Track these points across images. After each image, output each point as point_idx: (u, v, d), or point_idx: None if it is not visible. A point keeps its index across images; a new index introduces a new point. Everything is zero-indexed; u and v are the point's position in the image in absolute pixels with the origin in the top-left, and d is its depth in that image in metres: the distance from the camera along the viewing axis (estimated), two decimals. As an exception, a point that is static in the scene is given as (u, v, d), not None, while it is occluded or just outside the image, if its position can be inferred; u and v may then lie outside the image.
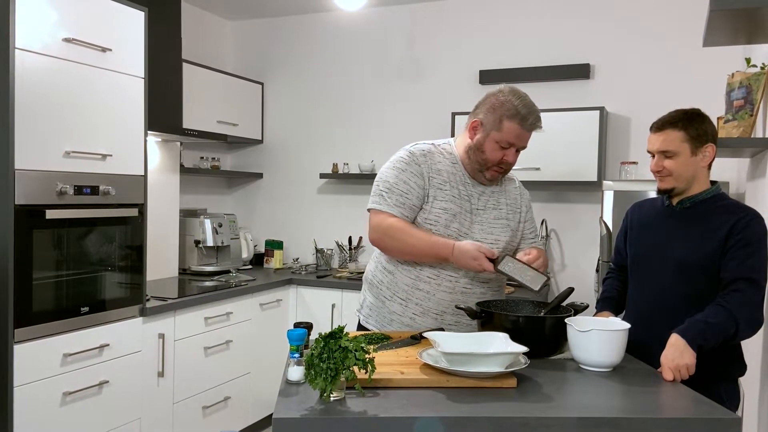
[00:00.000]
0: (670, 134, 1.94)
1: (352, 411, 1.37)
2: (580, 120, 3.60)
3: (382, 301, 2.17)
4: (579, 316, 1.86)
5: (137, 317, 2.95)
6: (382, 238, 2.10)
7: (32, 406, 2.47)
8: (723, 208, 1.95)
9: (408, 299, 2.11)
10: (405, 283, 2.12)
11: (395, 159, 2.15)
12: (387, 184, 2.10)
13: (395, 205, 2.07)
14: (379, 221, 2.09)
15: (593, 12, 3.83)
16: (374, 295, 2.21)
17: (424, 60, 4.24)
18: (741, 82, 2.43)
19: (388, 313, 2.15)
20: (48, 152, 2.53)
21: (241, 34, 4.81)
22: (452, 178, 2.13)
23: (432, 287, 2.09)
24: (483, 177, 2.13)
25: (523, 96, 2.08)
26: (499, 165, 2.10)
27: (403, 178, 2.09)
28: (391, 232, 2.06)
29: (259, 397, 3.81)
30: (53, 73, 2.53)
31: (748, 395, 2.35)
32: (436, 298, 2.09)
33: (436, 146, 2.19)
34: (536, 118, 2.05)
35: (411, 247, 2.05)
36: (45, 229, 2.52)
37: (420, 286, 2.10)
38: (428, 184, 2.09)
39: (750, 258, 1.85)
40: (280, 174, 4.72)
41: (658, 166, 1.98)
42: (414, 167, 2.10)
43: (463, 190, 2.13)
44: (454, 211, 2.09)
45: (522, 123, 2.03)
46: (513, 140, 2.05)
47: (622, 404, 1.54)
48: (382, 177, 2.14)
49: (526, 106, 2.04)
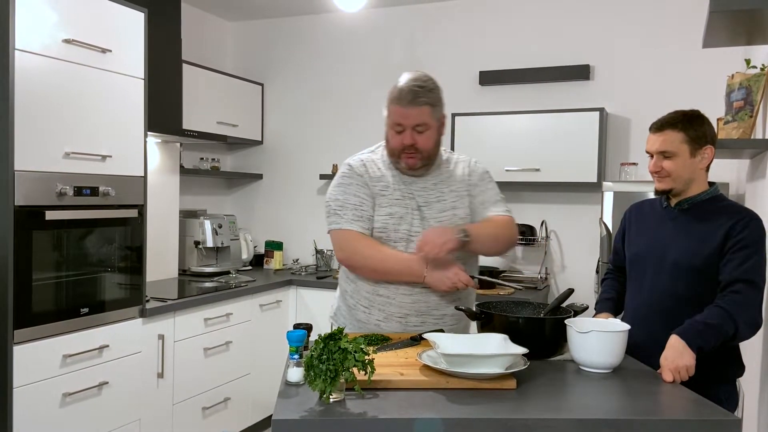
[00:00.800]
0: (670, 135, 1.95)
1: (352, 412, 1.37)
2: (580, 121, 3.60)
3: (349, 309, 2.19)
4: (579, 317, 1.86)
5: (137, 318, 2.94)
6: (351, 258, 2.09)
7: (32, 407, 2.46)
8: (721, 210, 1.95)
9: (370, 306, 2.12)
10: (366, 290, 2.13)
11: (338, 176, 2.16)
12: (338, 202, 2.10)
13: (353, 220, 2.07)
14: (342, 240, 2.08)
15: (593, 13, 3.83)
16: (345, 303, 2.23)
17: (424, 61, 4.24)
18: (741, 83, 2.43)
19: (356, 321, 2.16)
20: (48, 153, 2.53)
21: (241, 35, 4.81)
22: (391, 180, 2.12)
23: (391, 291, 2.08)
24: (402, 167, 2.10)
25: (408, 75, 2.05)
26: (406, 150, 2.05)
27: (351, 191, 2.10)
28: (358, 252, 2.06)
29: (259, 398, 3.81)
30: (53, 74, 2.53)
31: (748, 396, 2.35)
32: (396, 302, 2.09)
33: (373, 153, 2.20)
34: (410, 92, 1.99)
35: (381, 264, 2.05)
36: (45, 230, 2.52)
37: (380, 291, 2.10)
38: (373, 191, 2.10)
39: (748, 260, 1.86)
40: (280, 175, 4.72)
41: (656, 166, 1.98)
42: (357, 179, 2.11)
43: (405, 190, 2.11)
44: (400, 213, 2.08)
45: (399, 102, 2.01)
46: (399, 120, 2.02)
47: (622, 405, 1.54)
48: (331, 197, 2.13)
49: (403, 84, 2.02)
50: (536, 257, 3.94)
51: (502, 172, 3.71)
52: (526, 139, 3.70)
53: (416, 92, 1.99)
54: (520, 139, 3.72)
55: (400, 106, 2.01)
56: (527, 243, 3.85)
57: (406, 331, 2.06)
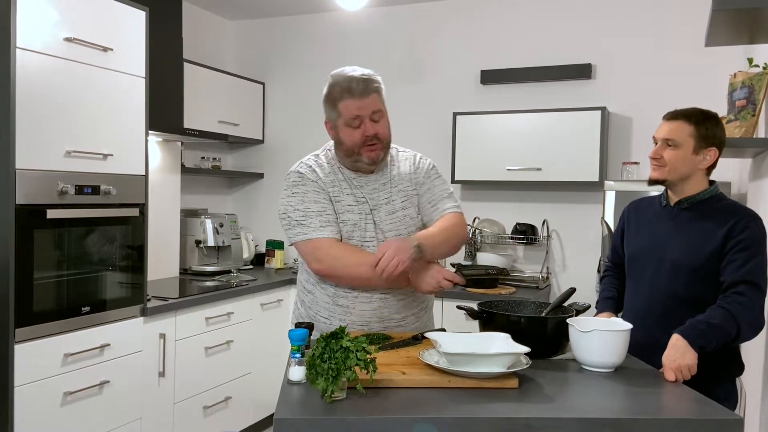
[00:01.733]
0: (681, 125, 1.96)
1: (354, 411, 1.37)
2: (581, 120, 3.60)
3: (311, 318, 2.10)
4: (581, 316, 1.86)
5: (138, 317, 2.94)
6: (333, 266, 1.96)
7: (33, 406, 2.46)
8: (721, 210, 1.95)
9: (331, 317, 2.05)
10: (324, 300, 2.05)
11: (289, 186, 2.02)
12: (298, 212, 1.97)
13: (321, 227, 1.95)
14: (316, 250, 1.95)
15: (595, 12, 3.83)
16: (306, 314, 2.14)
17: (425, 60, 4.24)
18: (743, 82, 2.43)
19: (317, 331, 2.02)
20: (49, 152, 2.52)
21: (242, 34, 4.81)
22: (342, 185, 2.03)
23: (350, 301, 2.02)
24: (364, 163, 1.99)
25: (342, 71, 1.97)
26: (367, 143, 1.95)
27: (310, 198, 1.98)
28: (338, 259, 1.95)
29: (260, 397, 3.81)
30: (54, 73, 2.53)
31: (750, 395, 2.34)
32: (357, 311, 2.02)
33: (319, 157, 2.09)
34: (359, 80, 1.92)
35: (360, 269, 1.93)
36: (46, 229, 2.52)
37: (339, 302, 2.03)
38: (330, 197, 2.00)
39: (750, 261, 1.85)
40: (281, 174, 4.66)
41: (657, 153, 1.98)
42: (312, 184, 2.00)
43: (357, 194, 2.03)
44: (354, 220, 2.00)
45: (352, 95, 1.92)
46: (356, 113, 1.93)
47: (624, 405, 1.54)
48: (288, 208, 1.99)
49: (347, 78, 1.93)
50: (538, 257, 3.94)
51: (504, 171, 3.71)
52: (528, 139, 3.70)
53: (366, 81, 1.93)
54: (522, 139, 3.72)
55: (353, 98, 1.92)
56: (529, 242, 3.84)
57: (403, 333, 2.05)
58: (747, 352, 2.04)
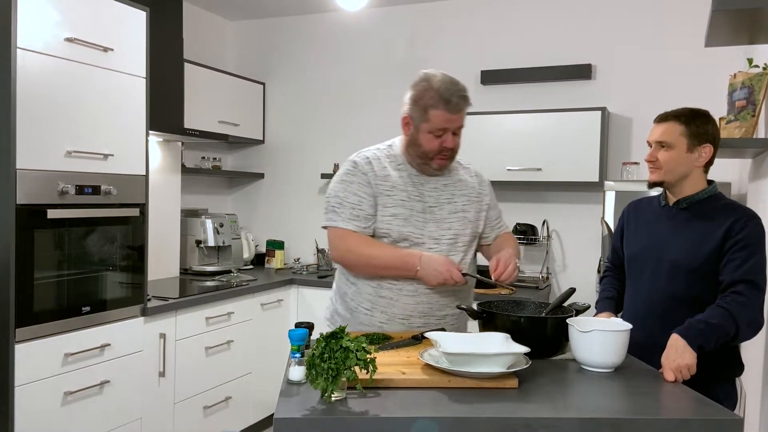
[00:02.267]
0: (671, 126, 1.96)
1: (354, 411, 1.37)
2: (581, 120, 3.60)
3: (351, 312, 2.15)
4: (580, 316, 1.86)
5: (138, 317, 2.95)
6: (345, 256, 2.10)
7: (33, 405, 2.47)
8: (720, 209, 1.95)
9: (373, 308, 2.10)
10: (368, 292, 2.10)
11: (341, 172, 2.14)
12: (337, 198, 2.09)
13: (349, 219, 2.06)
14: (337, 238, 2.09)
15: (595, 12, 3.83)
16: (344, 307, 2.19)
17: (425, 60, 4.23)
18: (743, 82, 2.43)
19: (358, 324, 2.13)
20: (49, 152, 2.53)
21: (242, 34, 4.81)
22: (399, 181, 2.10)
23: (394, 293, 2.07)
24: (430, 168, 2.10)
25: (443, 78, 2.02)
26: (441, 152, 2.05)
27: (351, 190, 2.07)
28: (352, 250, 2.06)
29: (260, 397, 3.81)
30: (55, 73, 2.53)
31: (750, 395, 2.35)
32: (400, 303, 2.07)
33: (381, 150, 2.17)
34: (459, 97, 1.99)
35: (374, 260, 2.04)
36: (46, 229, 2.52)
37: (382, 293, 2.08)
38: (376, 191, 2.07)
39: (749, 260, 1.85)
40: (281, 174, 4.72)
41: (652, 156, 1.99)
42: (360, 177, 2.09)
43: (413, 191, 2.10)
44: (405, 215, 2.07)
45: (447, 107, 1.98)
46: (444, 125, 2.01)
47: (623, 405, 1.54)
48: (331, 193, 2.12)
49: (447, 89, 1.98)
50: (538, 257, 3.94)
51: (504, 171, 3.71)
52: (528, 139, 3.70)
53: (464, 98, 2.01)
54: (522, 139, 3.72)
55: (448, 112, 1.99)
56: (529, 243, 3.85)
57: (409, 332, 2.06)
58: (747, 353, 2.04)
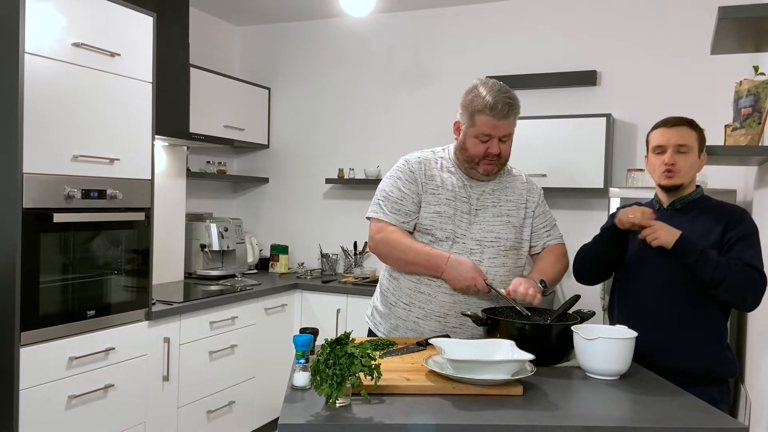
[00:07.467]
0: (687, 131, 2.05)
1: (358, 417, 1.37)
2: (586, 127, 3.60)
3: (389, 308, 2.22)
4: (585, 323, 1.86)
5: (143, 321, 2.95)
6: (378, 246, 2.17)
7: (38, 409, 2.47)
8: (713, 207, 2.04)
9: (411, 303, 2.15)
10: (408, 287, 2.16)
11: (392, 169, 2.24)
12: (383, 192, 2.19)
13: (391, 213, 2.14)
14: (375, 229, 2.17)
15: (600, 19, 3.83)
16: (382, 303, 2.26)
17: (430, 66, 4.25)
18: (749, 90, 2.42)
19: (395, 319, 2.19)
20: (56, 156, 2.54)
21: (248, 40, 4.83)
22: (447, 182, 2.16)
23: (433, 290, 2.12)
24: (477, 173, 2.14)
25: (492, 85, 2.08)
26: (488, 158, 2.10)
27: (397, 185, 2.16)
28: (387, 241, 2.13)
29: (264, 402, 3.81)
30: (62, 78, 2.54)
31: (756, 404, 2.33)
32: (437, 300, 2.11)
33: (434, 153, 2.25)
34: (506, 104, 2.03)
35: (404, 254, 2.11)
36: (52, 233, 2.53)
37: (421, 289, 2.13)
38: (422, 189, 2.15)
39: (749, 249, 1.92)
40: (285, 179, 4.72)
41: (672, 159, 2.02)
42: (408, 174, 2.17)
43: (461, 193, 2.15)
44: (449, 213, 2.12)
45: (492, 113, 2.03)
46: (489, 131, 2.06)
47: (629, 413, 1.53)
48: (380, 187, 2.22)
49: (494, 96, 2.04)
50: (542, 263, 3.93)
51: (509, 177, 3.70)
52: (533, 145, 3.69)
53: (510, 105, 2.05)
54: (527, 145, 3.70)
55: (494, 118, 2.04)
56: (533, 248, 3.83)
57: (444, 330, 2.10)
58: (751, 358, 2.03)
